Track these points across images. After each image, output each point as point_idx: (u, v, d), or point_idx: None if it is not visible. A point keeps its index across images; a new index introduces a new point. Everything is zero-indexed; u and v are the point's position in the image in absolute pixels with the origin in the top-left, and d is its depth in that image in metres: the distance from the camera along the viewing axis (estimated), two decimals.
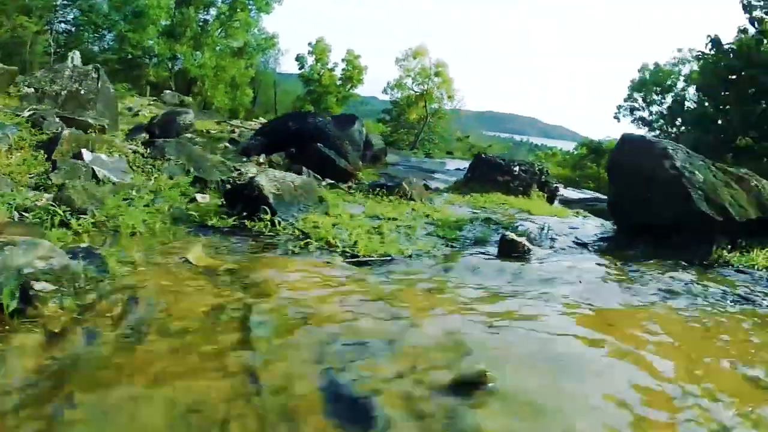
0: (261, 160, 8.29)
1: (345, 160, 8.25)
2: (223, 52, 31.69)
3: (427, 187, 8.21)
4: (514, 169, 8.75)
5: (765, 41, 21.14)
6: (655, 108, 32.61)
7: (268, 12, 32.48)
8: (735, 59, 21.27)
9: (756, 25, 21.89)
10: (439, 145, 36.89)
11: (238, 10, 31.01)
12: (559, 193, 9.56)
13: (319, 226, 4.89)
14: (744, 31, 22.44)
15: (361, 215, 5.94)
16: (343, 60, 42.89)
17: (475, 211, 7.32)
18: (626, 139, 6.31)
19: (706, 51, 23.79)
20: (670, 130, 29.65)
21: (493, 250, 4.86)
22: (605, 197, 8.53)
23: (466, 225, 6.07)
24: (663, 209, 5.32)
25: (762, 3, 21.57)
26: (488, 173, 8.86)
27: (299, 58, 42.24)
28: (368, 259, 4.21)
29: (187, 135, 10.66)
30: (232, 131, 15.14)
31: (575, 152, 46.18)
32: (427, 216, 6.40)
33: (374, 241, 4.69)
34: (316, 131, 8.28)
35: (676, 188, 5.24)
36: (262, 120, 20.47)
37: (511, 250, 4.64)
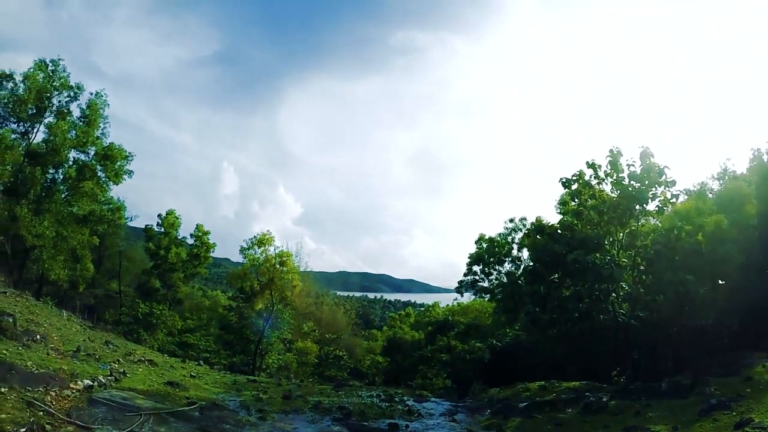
0: None
1: None
2: (66, 219, 28.71)
3: None
4: None
5: (585, 213, 23.75)
6: (494, 276, 35.12)
7: (117, 183, 30.37)
8: (556, 242, 24.08)
9: (575, 199, 24.68)
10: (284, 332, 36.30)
11: (86, 176, 28.79)
12: None
13: None
14: (564, 203, 25.75)
15: None
16: (191, 235, 41.80)
17: None
18: None
19: (532, 233, 26.94)
20: (515, 298, 31.04)
21: None
22: None
23: None
24: None
25: (578, 179, 24.17)
26: None
27: (147, 230, 40.63)
28: None
29: None
30: None
31: (426, 320, 46.39)
32: None
33: None
34: None
35: None
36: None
37: None
